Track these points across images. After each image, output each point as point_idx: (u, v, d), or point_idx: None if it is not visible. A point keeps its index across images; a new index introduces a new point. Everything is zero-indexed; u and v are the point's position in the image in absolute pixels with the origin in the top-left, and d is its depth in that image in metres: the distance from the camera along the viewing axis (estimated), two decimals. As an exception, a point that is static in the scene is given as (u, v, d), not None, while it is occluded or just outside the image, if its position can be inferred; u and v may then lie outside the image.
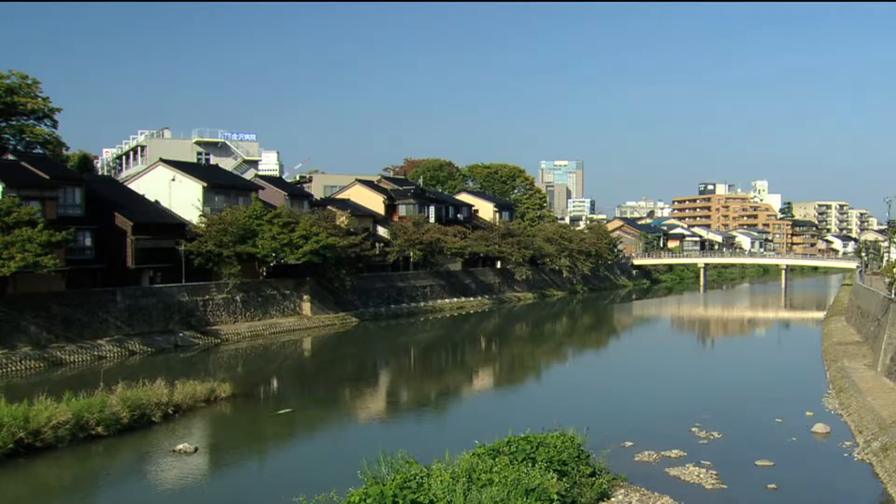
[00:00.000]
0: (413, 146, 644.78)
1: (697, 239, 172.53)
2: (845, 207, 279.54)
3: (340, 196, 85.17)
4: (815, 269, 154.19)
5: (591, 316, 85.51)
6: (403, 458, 18.73)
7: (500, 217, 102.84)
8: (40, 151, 59.40)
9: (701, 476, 23.21)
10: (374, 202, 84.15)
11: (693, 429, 29.12)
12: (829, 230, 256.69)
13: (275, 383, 42.27)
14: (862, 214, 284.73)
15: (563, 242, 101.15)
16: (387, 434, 30.35)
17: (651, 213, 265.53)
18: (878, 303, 45.79)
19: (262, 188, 69.22)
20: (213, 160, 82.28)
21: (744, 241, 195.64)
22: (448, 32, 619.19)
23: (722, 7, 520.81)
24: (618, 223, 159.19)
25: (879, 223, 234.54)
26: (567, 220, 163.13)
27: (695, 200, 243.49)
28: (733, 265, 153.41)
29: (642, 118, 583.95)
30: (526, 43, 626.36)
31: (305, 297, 62.83)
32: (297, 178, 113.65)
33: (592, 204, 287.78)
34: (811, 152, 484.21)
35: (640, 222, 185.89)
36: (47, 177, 48.66)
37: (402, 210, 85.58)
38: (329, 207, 74.05)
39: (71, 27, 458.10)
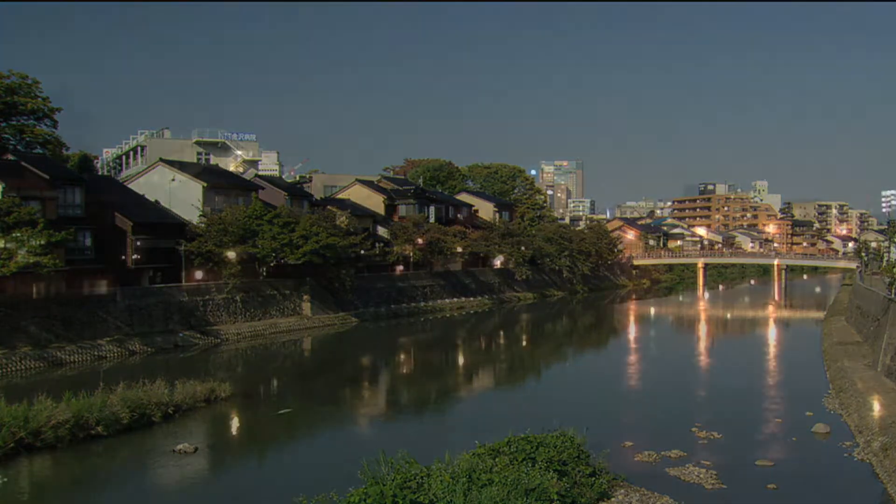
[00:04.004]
0: (413, 146, 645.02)
1: (697, 239, 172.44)
2: (845, 207, 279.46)
3: (340, 196, 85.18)
4: (815, 269, 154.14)
5: (591, 316, 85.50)
6: (403, 458, 18.74)
7: (500, 217, 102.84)
8: (40, 151, 59.36)
9: (701, 476, 23.19)
10: (374, 202, 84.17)
11: (693, 429, 29.09)
12: (829, 230, 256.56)
13: (275, 383, 42.28)
14: (862, 214, 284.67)
15: (563, 242, 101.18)
16: (387, 434, 30.36)
17: (651, 213, 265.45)
18: (878, 303, 45.80)
19: (262, 188, 69.22)
20: (213, 160, 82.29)
21: (744, 241, 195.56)
22: (449, 33, 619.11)
23: (723, 7, 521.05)
24: (618, 223, 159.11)
25: (879, 223, 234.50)
26: (567, 220, 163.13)
27: (695, 200, 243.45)
28: (733, 265, 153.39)
29: (642, 118, 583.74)
30: (526, 43, 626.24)
31: (305, 297, 62.81)
32: (297, 178, 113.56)
33: (592, 204, 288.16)
34: (811, 152, 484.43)
35: (640, 222, 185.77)
36: (47, 177, 48.67)
37: (402, 210, 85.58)
38: (329, 207, 74.01)
39: (71, 27, 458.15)
